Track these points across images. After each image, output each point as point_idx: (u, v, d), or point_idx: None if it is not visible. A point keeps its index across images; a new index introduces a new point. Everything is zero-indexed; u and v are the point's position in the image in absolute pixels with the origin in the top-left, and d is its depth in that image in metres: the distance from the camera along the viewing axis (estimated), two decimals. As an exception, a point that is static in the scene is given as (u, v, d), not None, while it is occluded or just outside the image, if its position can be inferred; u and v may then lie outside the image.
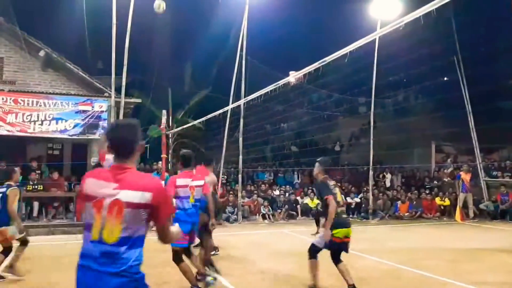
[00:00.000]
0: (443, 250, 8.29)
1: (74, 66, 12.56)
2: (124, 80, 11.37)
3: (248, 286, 5.58)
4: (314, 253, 5.16)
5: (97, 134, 11.38)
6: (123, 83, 11.36)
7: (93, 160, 13.25)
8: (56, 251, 7.83)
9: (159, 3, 10.30)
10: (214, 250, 7.35)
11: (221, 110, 10.58)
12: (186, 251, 5.09)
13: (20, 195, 6.24)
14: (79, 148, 13.19)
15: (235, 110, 13.10)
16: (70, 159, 13.22)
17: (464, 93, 14.70)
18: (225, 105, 11.77)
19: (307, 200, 14.29)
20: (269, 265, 6.92)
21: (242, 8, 13.79)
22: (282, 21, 19.73)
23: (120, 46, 11.26)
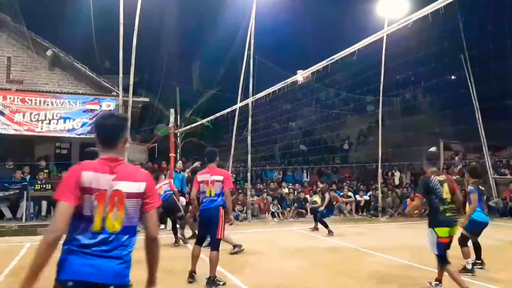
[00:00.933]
0: (453, 247, 8.16)
1: (81, 65, 12.60)
2: (131, 79, 11.37)
3: (258, 284, 5.55)
4: (443, 258, 5.04)
5: (105, 133, 11.41)
6: (131, 82, 11.36)
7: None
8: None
9: None
10: (238, 247, 7.54)
11: (229, 109, 10.56)
12: None
13: None
14: (87, 147, 13.21)
15: (243, 109, 13.08)
16: (78, 158, 13.25)
17: (471, 90, 14.59)
18: (233, 103, 11.74)
19: (316, 198, 14.22)
20: (279, 263, 6.89)
21: (249, 7, 13.76)
22: (289, 20, 19.71)
23: (127, 45, 11.26)
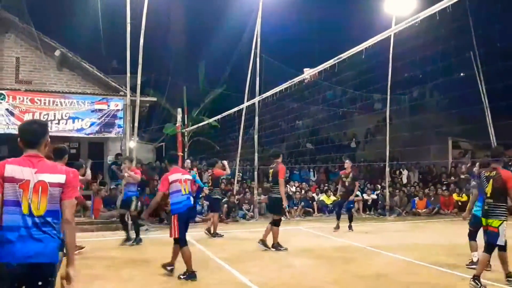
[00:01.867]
0: (462, 246, 8.11)
1: (89, 65, 12.68)
2: (139, 78, 11.41)
3: (266, 282, 5.56)
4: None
5: (113, 133, 11.48)
6: (138, 82, 11.39)
7: (109, 159, 13.41)
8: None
9: None
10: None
11: (236, 108, 10.57)
12: None
13: None
14: (96, 146, 13.34)
15: (250, 108, 13.08)
16: (87, 158, 13.36)
17: (480, 88, 14.43)
18: (240, 102, 11.74)
19: (323, 196, 14.22)
20: (286, 261, 6.89)
21: (256, 5, 13.75)
22: (295, 18, 19.68)
23: (134, 45, 11.30)
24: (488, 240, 5.20)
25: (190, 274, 5.66)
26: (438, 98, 18.77)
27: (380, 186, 15.32)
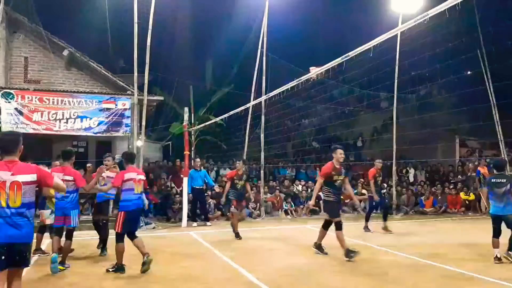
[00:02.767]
0: (469, 245, 8.11)
1: (97, 65, 12.78)
2: (146, 78, 11.49)
3: (273, 280, 5.58)
4: None
5: (120, 132, 11.56)
6: (146, 81, 11.48)
7: (117, 157, 13.49)
8: (83, 247, 8.01)
9: None
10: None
11: (242, 107, 10.60)
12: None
13: None
14: (103, 145, 13.44)
15: (257, 106, 13.11)
16: (95, 156, 13.47)
17: (488, 86, 14.33)
18: (246, 101, 11.76)
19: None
20: (293, 260, 6.91)
21: (262, 4, 13.76)
22: (301, 16, 19.63)
23: (142, 45, 11.38)
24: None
25: (119, 267, 5.86)
26: (445, 96, 18.63)
27: (386, 185, 15.26)
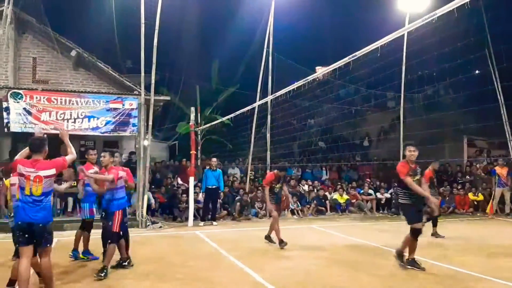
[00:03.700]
0: (477, 246, 8.06)
1: (104, 65, 12.83)
2: (153, 78, 11.53)
3: (279, 281, 5.58)
4: None
5: (127, 132, 11.60)
6: (153, 81, 11.52)
7: (123, 157, 13.57)
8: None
9: None
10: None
11: (249, 107, 10.60)
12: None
13: None
14: (110, 145, 13.53)
15: (263, 106, 13.11)
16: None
17: (496, 86, 14.21)
18: (252, 101, 11.76)
19: (336, 195, 14.17)
20: (300, 260, 6.90)
21: (268, 4, 13.76)
22: (307, 15, 19.59)
23: (149, 45, 11.43)
24: None
25: (105, 268, 5.70)
26: (453, 96, 18.49)
27: (394, 184, 15.18)
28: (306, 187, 14.67)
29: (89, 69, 13.11)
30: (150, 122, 11.47)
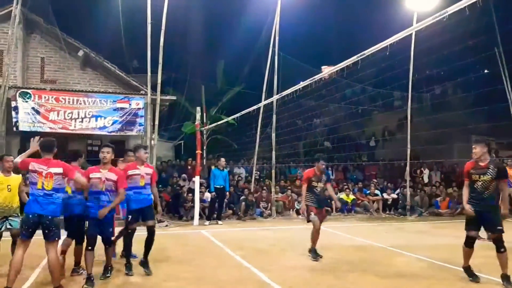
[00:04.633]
0: (485, 247, 7.92)
1: (111, 65, 12.92)
2: (159, 78, 11.57)
3: (286, 280, 5.56)
4: None
5: (134, 131, 11.66)
6: (159, 81, 11.56)
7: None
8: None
9: None
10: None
11: (254, 107, 10.58)
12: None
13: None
14: (117, 144, 13.52)
15: (268, 106, 13.08)
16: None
17: (506, 86, 14.05)
18: (257, 100, 11.75)
19: (342, 195, 14.10)
20: (305, 260, 6.87)
21: (274, 3, 13.72)
22: (313, 14, 19.51)
23: (155, 45, 11.47)
24: None
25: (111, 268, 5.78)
26: (462, 96, 18.33)
27: (400, 185, 15.10)
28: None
29: (96, 69, 13.20)
30: (157, 122, 11.51)
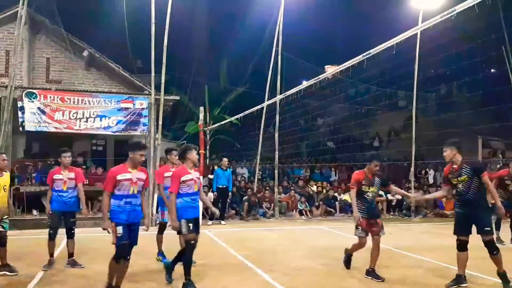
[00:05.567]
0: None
1: (115, 65, 12.96)
2: (163, 78, 11.59)
3: (289, 281, 5.55)
4: None
5: (138, 131, 11.69)
6: (162, 81, 11.58)
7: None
8: (102, 242, 8.12)
9: None
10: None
11: (257, 107, 10.57)
12: None
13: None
14: (121, 144, 13.60)
15: (271, 106, 13.06)
16: (113, 155, 13.67)
17: (513, 85, 13.92)
18: (261, 100, 11.73)
19: (346, 196, 14.04)
20: (308, 261, 6.85)
21: (278, 2, 13.71)
22: (317, 13, 19.43)
23: (159, 45, 11.49)
24: None
25: None
26: (468, 96, 18.19)
27: (405, 186, 15.00)
28: (314, 188, 14.58)
29: (100, 69, 13.24)
30: (160, 122, 11.53)
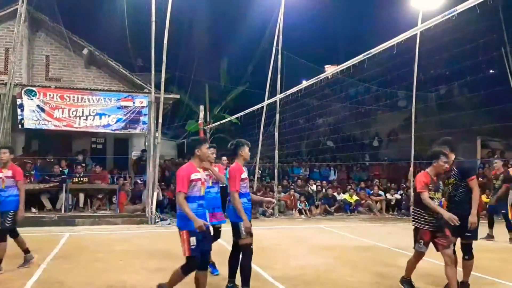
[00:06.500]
0: (491, 249, 7.92)
1: (115, 63, 12.95)
2: (163, 76, 11.57)
3: (290, 279, 5.57)
4: None
5: (138, 129, 11.69)
6: (162, 79, 11.56)
7: (134, 154, 13.66)
8: (101, 240, 8.14)
9: None
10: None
11: (257, 106, 10.58)
12: None
13: None
14: (121, 142, 13.64)
15: (271, 105, 13.06)
16: (113, 153, 13.68)
17: (512, 86, 13.95)
18: (261, 100, 11.73)
19: (346, 195, 14.08)
20: (308, 259, 6.87)
21: (278, 2, 13.70)
22: (317, 13, 19.46)
23: (159, 43, 11.48)
24: None
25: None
26: (467, 96, 18.22)
27: (404, 185, 15.05)
28: (314, 187, 14.60)
29: (100, 67, 13.23)
30: (160, 120, 11.52)
